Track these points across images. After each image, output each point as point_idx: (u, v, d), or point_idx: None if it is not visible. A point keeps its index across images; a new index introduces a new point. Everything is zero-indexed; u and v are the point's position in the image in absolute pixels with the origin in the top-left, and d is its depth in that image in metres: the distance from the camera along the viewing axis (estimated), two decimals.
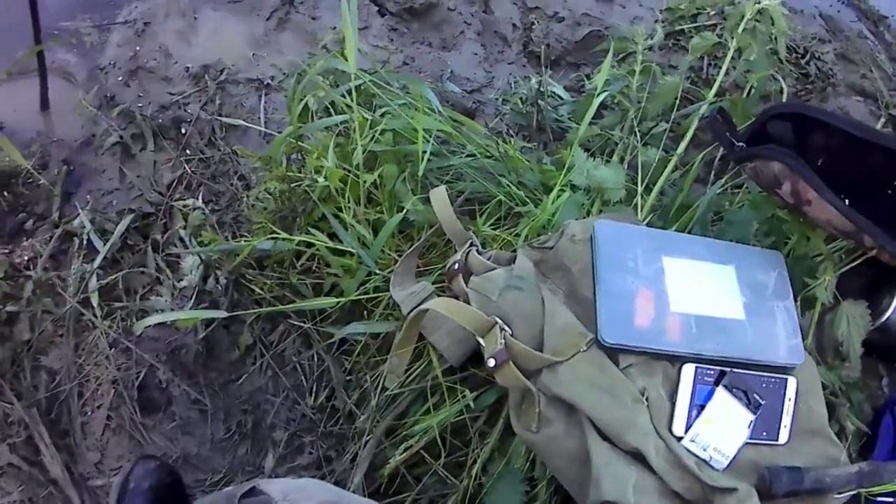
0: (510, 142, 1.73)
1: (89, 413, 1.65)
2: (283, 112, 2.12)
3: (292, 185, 1.56)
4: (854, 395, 1.42)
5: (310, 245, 1.55)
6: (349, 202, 1.52)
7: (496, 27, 2.51)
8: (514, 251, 1.38)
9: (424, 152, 1.50)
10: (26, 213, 1.96)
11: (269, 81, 2.22)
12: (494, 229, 1.55)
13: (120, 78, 2.20)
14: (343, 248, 1.50)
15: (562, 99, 2.18)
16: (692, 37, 1.93)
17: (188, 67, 2.21)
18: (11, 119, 2.06)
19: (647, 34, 1.95)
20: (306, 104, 1.61)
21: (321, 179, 1.49)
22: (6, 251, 1.85)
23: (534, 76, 2.30)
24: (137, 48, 2.26)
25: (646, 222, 1.54)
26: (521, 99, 2.19)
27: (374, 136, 1.53)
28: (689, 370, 1.16)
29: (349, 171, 1.50)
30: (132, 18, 2.34)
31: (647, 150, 1.74)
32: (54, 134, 2.13)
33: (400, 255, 1.49)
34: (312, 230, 1.53)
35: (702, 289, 1.25)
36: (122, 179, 2.01)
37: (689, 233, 1.53)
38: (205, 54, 2.26)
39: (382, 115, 1.59)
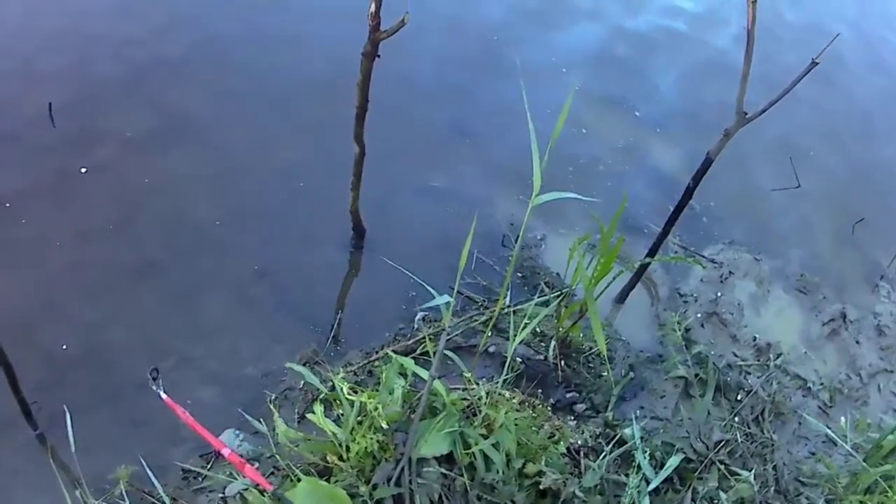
0: None
1: None
2: (820, 419, 2.83)
3: None
4: None
5: None
6: None
7: None
8: None
9: None
10: (578, 394, 2.58)
11: (811, 386, 2.89)
12: None
13: (698, 315, 2.97)
14: None
15: None
16: None
17: (755, 337, 2.95)
18: None
19: None
20: None
21: None
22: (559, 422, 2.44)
23: None
24: (719, 294, 3.05)
25: None
26: None
27: None
28: None
29: None
30: (719, 260, 3.14)
31: None
32: (622, 332, 2.85)
33: None
34: None
35: None
36: (675, 413, 2.63)
37: None
38: (767, 330, 3.00)
39: None
